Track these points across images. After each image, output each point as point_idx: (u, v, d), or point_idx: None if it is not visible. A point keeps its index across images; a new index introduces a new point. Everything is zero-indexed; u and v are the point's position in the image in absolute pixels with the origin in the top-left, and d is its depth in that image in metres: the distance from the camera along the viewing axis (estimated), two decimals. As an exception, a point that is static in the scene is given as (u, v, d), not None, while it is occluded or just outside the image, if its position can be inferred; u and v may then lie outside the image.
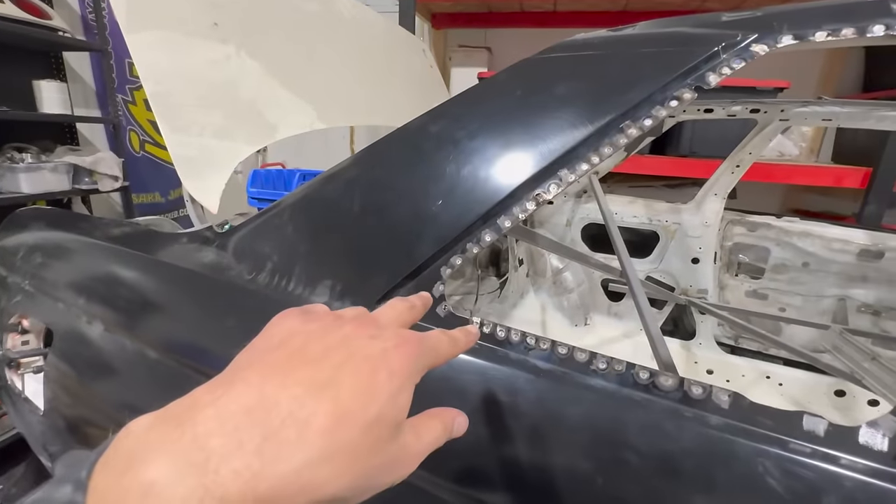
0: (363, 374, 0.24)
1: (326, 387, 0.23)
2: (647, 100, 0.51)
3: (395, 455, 0.25)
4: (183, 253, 0.77)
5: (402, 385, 0.25)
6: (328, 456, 0.22)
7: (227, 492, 0.19)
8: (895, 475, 0.35)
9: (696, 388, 0.42)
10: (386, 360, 0.25)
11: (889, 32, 0.45)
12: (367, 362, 0.25)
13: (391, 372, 0.25)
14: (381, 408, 0.24)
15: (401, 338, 0.27)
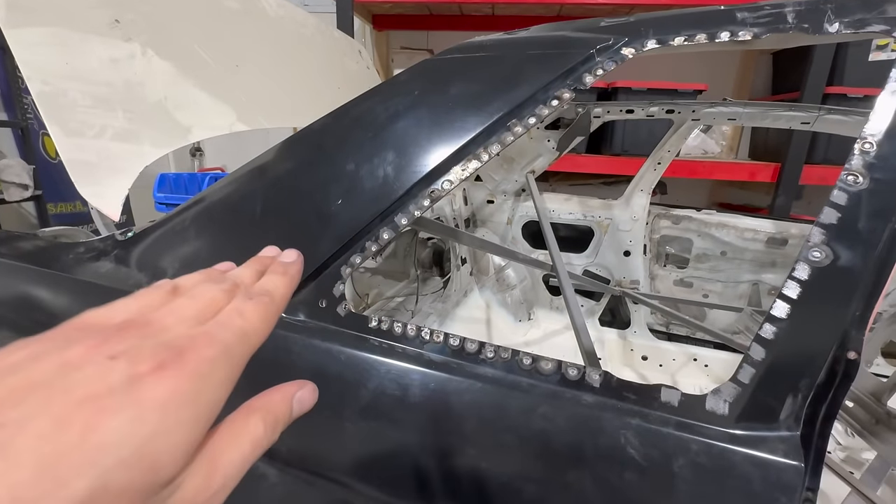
0: (94, 415, 0.16)
1: (19, 433, 0.15)
2: (530, 99, 0.54)
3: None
4: (78, 264, 0.72)
5: (163, 428, 0.17)
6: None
7: None
8: (734, 436, 0.39)
9: (571, 370, 0.45)
10: (140, 392, 0.17)
11: (733, 38, 0.50)
12: (102, 400, 0.17)
13: (150, 406, 0.17)
14: (126, 458, 0.16)
15: (170, 355, 0.19)
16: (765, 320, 0.40)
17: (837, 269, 0.40)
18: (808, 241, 0.41)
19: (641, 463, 0.37)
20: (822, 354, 0.39)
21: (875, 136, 0.42)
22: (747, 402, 0.40)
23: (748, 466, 0.37)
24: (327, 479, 0.49)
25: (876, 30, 0.45)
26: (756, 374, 0.40)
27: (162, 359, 0.18)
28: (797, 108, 1.43)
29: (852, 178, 0.41)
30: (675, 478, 0.38)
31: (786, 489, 0.36)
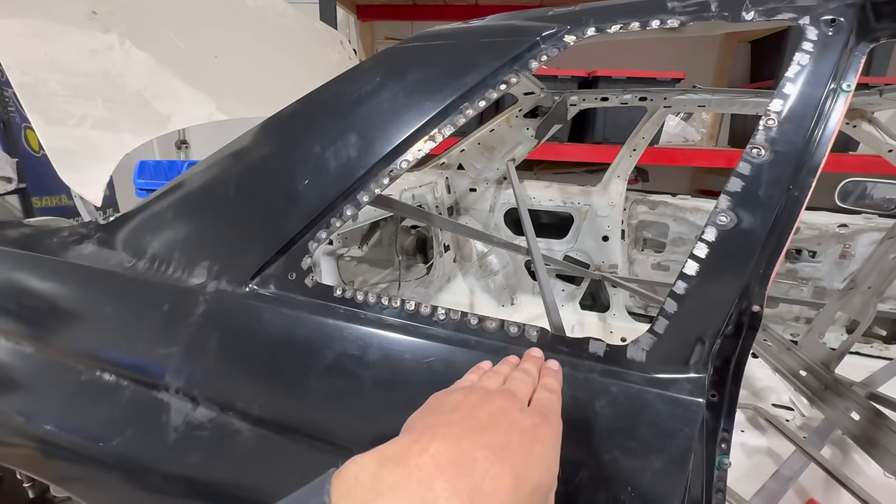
0: (527, 445, 0.32)
1: (504, 450, 0.30)
2: (480, 83, 0.58)
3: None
4: (62, 247, 0.75)
5: (553, 458, 0.33)
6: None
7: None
8: (648, 379, 0.44)
9: (513, 327, 0.50)
10: (538, 434, 0.33)
11: (663, 26, 0.54)
12: (526, 434, 0.32)
13: (544, 444, 0.33)
14: (542, 475, 0.31)
15: (541, 415, 0.35)
16: (677, 278, 0.45)
17: (740, 232, 0.45)
18: (716, 207, 0.46)
19: (567, 404, 0.43)
20: (727, 307, 0.44)
21: (778, 113, 0.47)
22: (662, 350, 0.45)
23: (658, 403, 0.42)
24: (295, 433, 0.53)
25: (785, 17, 0.50)
26: (669, 326, 0.45)
27: (543, 416, 0.35)
28: (763, 95, 1.49)
29: (756, 151, 0.46)
30: (597, 416, 0.43)
31: (688, 421, 0.41)
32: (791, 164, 0.45)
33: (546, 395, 0.38)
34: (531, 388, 0.38)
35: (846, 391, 0.99)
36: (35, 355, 0.70)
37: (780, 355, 1.19)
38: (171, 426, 0.56)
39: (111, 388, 0.63)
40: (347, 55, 2.00)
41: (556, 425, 0.35)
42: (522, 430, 0.32)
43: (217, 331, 0.59)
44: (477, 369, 0.42)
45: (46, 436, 0.66)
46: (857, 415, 0.95)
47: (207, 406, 0.56)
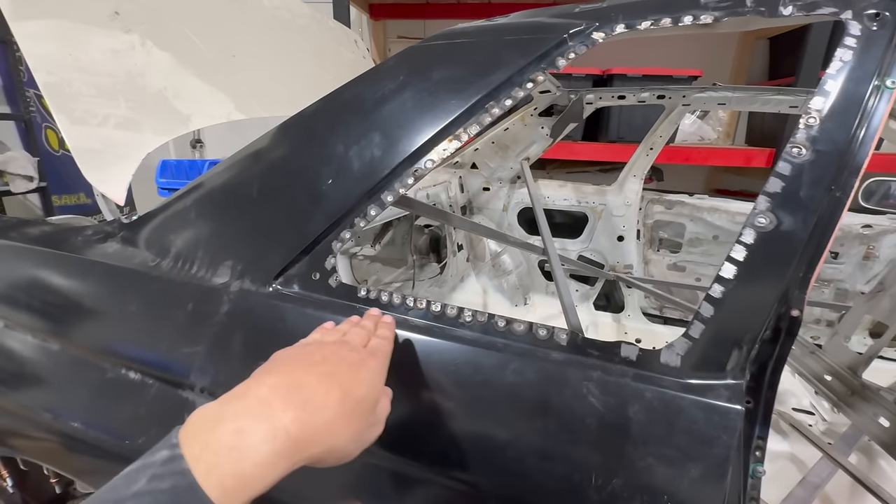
0: (353, 371, 0.39)
1: (333, 375, 0.38)
2: (507, 82, 0.57)
3: (374, 420, 0.40)
4: (86, 245, 0.76)
5: (378, 380, 0.41)
6: (340, 414, 0.36)
7: (290, 432, 0.32)
8: (684, 384, 0.43)
9: (541, 330, 0.49)
10: (364, 363, 0.41)
11: (696, 22, 0.53)
12: (353, 364, 0.40)
13: (369, 369, 0.41)
14: (367, 391, 0.39)
15: (369, 353, 0.42)
16: (714, 281, 0.44)
17: (780, 234, 0.43)
18: (755, 209, 0.44)
19: (600, 409, 0.42)
20: (766, 312, 0.43)
21: (819, 111, 0.46)
22: (697, 354, 0.44)
23: (695, 410, 0.41)
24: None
25: (825, 12, 0.49)
26: (705, 330, 0.44)
27: (371, 353, 0.43)
28: (785, 92, 1.45)
29: (796, 150, 0.45)
30: (631, 421, 0.42)
31: (727, 429, 0.40)
32: (833, 164, 0.44)
33: (377, 341, 0.45)
34: (366, 339, 0.45)
35: (874, 396, 0.96)
36: (61, 352, 0.70)
37: (803, 359, 1.16)
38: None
39: (136, 386, 0.63)
40: (362, 54, 2.00)
41: (383, 359, 0.43)
42: (350, 362, 0.40)
43: (241, 330, 0.59)
44: (320, 329, 0.48)
45: (72, 432, 0.67)
46: (887, 421, 0.92)
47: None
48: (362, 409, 0.38)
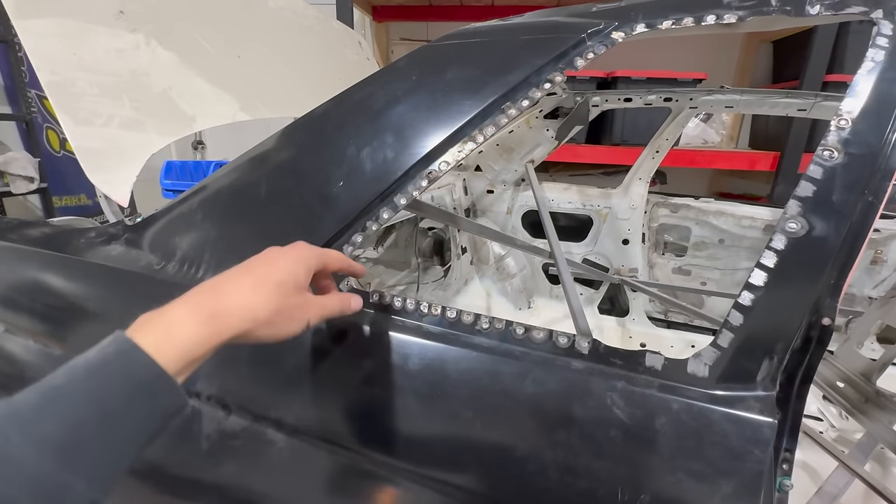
0: (270, 261, 0.43)
1: (247, 269, 0.42)
2: (524, 82, 0.56)
3: (299, 303, 0.42)
4: (89, 247, 0.75)
5: (294, 268, 0.42)
6: (255, 291, 0.40)
7: (204, 305, 0.37)
8: (712, 396, 0.41)
9: (562, 338, 0.47)
10: (282, 255, 0.44)
11: (719, 21, 0.52)
12: (271, 258, 0.43)
13: (286, 258, 0.43)
14: (283, 274, 0.41)
15: (292, 248, 0.45)
16: (743, 288, 0.43)
17: (812, 240, 0.42)
18: (785, 213, 0.43)
19: (626, 421, 0.40)
20: (797, 320, 0.42)
21: (850, 113, 0.44)
22: (726, 364, 0.42)
23: (725, 423, 0.39)
24: (331, 444, 0.51)
25: (855, 11, 0.47)
26: (734, 339, 0.42)
27: (290, 250, 0.45)
28: (794, 95, 1.44)
29: (828, 154, 0.43)
30: (658, 434, 0.40)
31: (759, 443, 0.38)
32: (866, 168, 0.42)
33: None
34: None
35: (889, 404, 0.95)
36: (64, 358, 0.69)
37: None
38: (204, 434, 0.54)
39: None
40: (366, 55, 1.99)
41: (300, 253, 0.44)
42: (270, 257, 0.44)
43: (249, 336, 0.58)
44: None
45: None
46: (903, 429, 0.90)
47: (240, 415, 0.54)
48: (281, 287, 0.41)
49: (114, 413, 0.31)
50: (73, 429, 0.29)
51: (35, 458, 0.28)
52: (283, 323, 0.40)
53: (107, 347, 0.33)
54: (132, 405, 0.32)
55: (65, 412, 0.30)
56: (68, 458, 0.29)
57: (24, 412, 0.29)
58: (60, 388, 0.31)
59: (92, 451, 0.30)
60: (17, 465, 0.27)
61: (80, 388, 0.31)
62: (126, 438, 0.32)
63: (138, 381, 0.33)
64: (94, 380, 0.32)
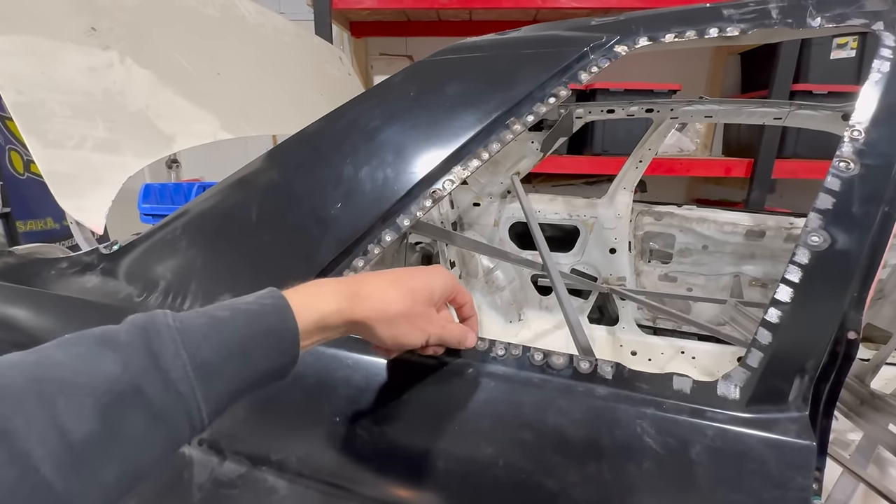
0: (410, 270, 0.47)
1: (389, 273, 0.45)
2: (528, 97, 0.54)
3: (426, 315, 0.43)
4: (61, 279, 0.69)
5: (432, 282, 0.44)
6: (391, 287, 0.42)
7: (347, 289, 0.40)
8: (747, 419, 0.40)
9: (583, 363, 0.45)
10: (424, 269, 0.47)
11: (722, 34, 0.51)
12: (412, 269, 0.47)
13: (427, 272, 0.46)
14: (420, 283, 0.43)
15: (434, 268, 0.49)
16: (769, 304, 0.41)
17: (835, 253, 0.41)
18: (807, 227, 0.42)
19: (659, 451, 0.38)
20: (826, 335, 0.40)
21: (862, 123, 0.44)
22: (757, 385, 0.41)
23: (763, 448, 0.38)
24: (338, 488, 0.47)
25: (856, 23, 0.48)
26: (764, 358, 0.41)
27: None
28: (770, 105, 1.49)
29: (844, 165, 0.43)
30: (694, 464, 0.38)
31: (800, 468, 0.37)
32: (882, 178, 0.42)
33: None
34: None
35: (885, 405, 0.96)
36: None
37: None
38: (195, 484, 0.49)
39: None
40: (347, 71, 1.97)
41: (451, 277, 0.47)
42: (407, 269, 0.47)
43: (243, 372, 0.53)
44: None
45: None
46: (900, 430, 0.91)
47: (236, 460, 0.50)
48: (414, 293, 0.42)
49: (249, 359, 0.34)
50: (220, 361, 0.32)
51: (184, 378, 0.30)
52: (407, 328, 0.41)
53: (265, 299, 0.37)
54: (266, 356, 0.35)
55: (220, 345, 0.32)
56: (206, 385, 0.31)
57: (193, 334, 0.32)
58: (224, 322, 0.34)
59: (221, 386, 0.32)
60: (172, 383, 0.29)
61: (237, 328, 0.34)
62: (246, 383, 0.34)
63: (277, 337, 0.35)
64: (249, 324, 0.34)
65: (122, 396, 0.28)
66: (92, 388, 0.27)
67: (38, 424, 0.25)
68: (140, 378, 0.29)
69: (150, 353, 0.30)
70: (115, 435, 0.27)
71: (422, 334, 0.42)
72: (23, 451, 0.24)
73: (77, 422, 0.26)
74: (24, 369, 0.27)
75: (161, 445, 0.29)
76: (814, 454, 0.37)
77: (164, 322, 0.32)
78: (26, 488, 0.24)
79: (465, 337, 0.46)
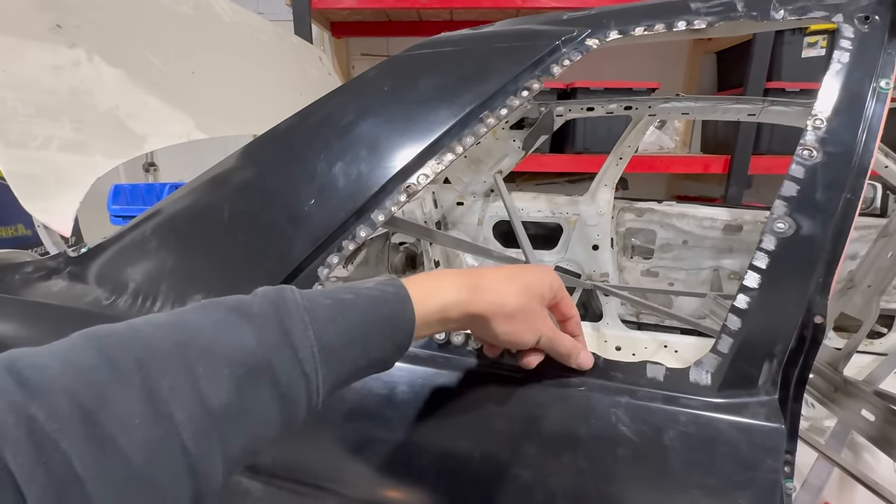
0: (523, 267, 0.47)
1: (502, 269, 0.44)
2: (501, 90, 0.54)
3: (539, 314, 0.42)
4: (26, 284, 0.66)
5: (543, 280, 0.43)
6: (509, 282, 0.41)
7: (466, 282, 0.40)
8: (718, 404, 0.40)
9: (559, 354, 0.45)
10: (535, 267, 0.47)
11: (689, 27, 0.52)
12: (523, 265, 0.51)
13: (539, 270, 0.45)
14: (533, 279, 0.42)
15: (543, 266, 0.50)
16: (738, 291, 0.42)
17: (801, 239, 0.42)
18: (772, 214, 0.43)
19: (634, 439, 0.38)
20: (793, 319, 0.41)
21: (824, 112, 0.45)
22: (728, 370, 0.41)
23: (734, 432, 0.38)
24: (314, 487, 0.47)
25: (817, 16, 0.49)
26: (734, 344, 0.41)
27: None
28: (743, 101, 1.52)
29: (807, 153, 0.44)
30: (668, 450, 0.38)
31: (770, 451, 0.37)
32: (844, 166, 0.43)
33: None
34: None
35: (857, 391, 0.99)
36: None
37: (784, 358, 1.19)
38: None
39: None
40: (327, 71, 1.95)
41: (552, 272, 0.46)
42: (519, 266, 0.48)
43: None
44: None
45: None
46: (871, 415, 0.94)
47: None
48: (529, 290, 0.41)
49: (367, 345, 0.33)
50: (343, 345, 0.32)
51: (310, 358, 0.30)
52: (521, 325, 0.40)
53: (387, 286, 0.36)
54: (381, 345, 0.34)
55: (345, 329, 0.32)
56: (327, 368, 0.31)
57: (320, 314, 0.31)
58: (349, 306, 0.34)
59: (338, 370, 0.32)
60: (299, 362, 0.29)
61: (361, 313, 0.33)
62: (358, 370, 0.34)
63: (394, 327, 0.35)
64: (371, 310, 0.34)
65: (255, 370, 0.28)
66: (230, 359, 0.27)
67: (180, 389, 0.25)
68: (272, 354, 0.28)
69: (282, 329, 0.29)
70: (245, 407, 0.27)
71: (535, 333, 0.41)
72: (167, 414, 0.24)
73: (215, 390, 0.26)
74: (169, 332, 0.27)
75: (280, 423, 0.29)
76: (783, 437, 0.38)
77: (293, 299, 0.31)
78: (167, 450, 0.24)
79: (576, 351, 0.43)
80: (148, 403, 0.24)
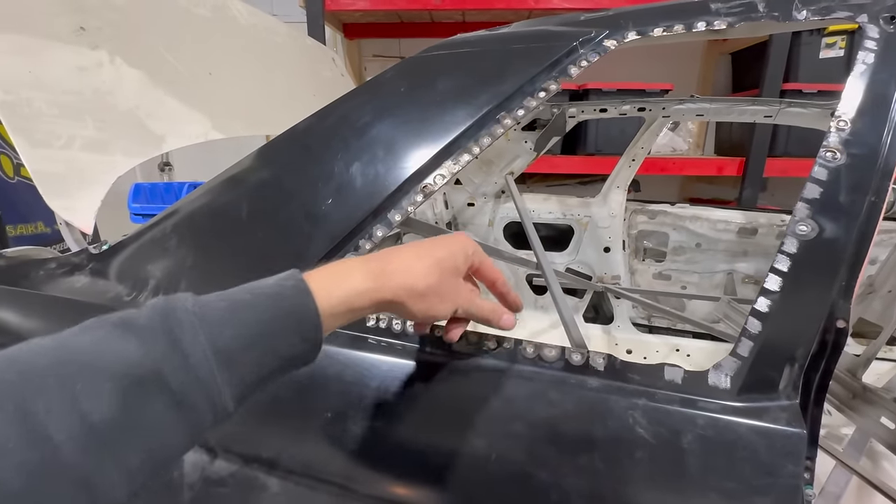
0: (432, 241, 0.44)
1: (412, 247, 0.43)
2: (518, 91, 0.54)
3: (454, 286, 0.42)
4: (49, 280, 0.68)
5: (454, 250, 0.43)
6: (418, 260, 0.41)
7: (373, 266, 0.39)
8: (737, 408, 0.40)
9: (575, 355, 0.45)
10: (445, 238, 0.44)
11: (709, 28, 0.52)
12: (433, 240, 0.44)
13: (448, 241, 0.44)
14: (443, 253, 0.42)
15: (455, 235, 0.46)
16: (759, 294, 0.41)
17: (823, 242, 0.41)
18: (795, 216, 0.42)
19: (651, 441, 0.38)
20: (815, 323, 0.41)
21: (848, 114, 0.44)
22: (747, 374, 0.41)
23: (753, 437, 0.38)
24: (332, 484, 0.47)
25: (840, 16, 0.48)
26: (754, 347, 0.41)
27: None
28: (760, 103, 1.50)
29: (830, 155, 0.43)
30: (686, 453, 0.38)
31: (791, 456, 0.37)
32: (868, 168, 0.42)
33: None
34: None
35: (876, 398, 0.97)
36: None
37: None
38: (186, 484, 0.49)
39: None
40: (340, 72, 1.97)
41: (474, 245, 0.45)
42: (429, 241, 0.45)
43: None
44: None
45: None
46: (891, 423, 0.92)
47: (227, 458, 0.49)
48: (441, 265, 0.41)
49: (271, 344, 0.33)
50: (241, 346, 0.31)
51: (203, 362, 0.29)
52: (436, 301, 0.41)
53: (286, 281, 0.36)
54: (287, 341, 0.34)
55: (239, 329, 0.32)
56: (227, 370, 0.30)
57: (212, 318, 0.31)
58: (244, 306, 0.33)
59: (243, 371, 0.31)
60: (191, 368, 0.29)
61: (258, 312, 0.33)
62: (269, 369, 0.33)
63: (298, 322, 0.34)
64: (269, 308, 0.33)
65: (142, 380, 0.27)
66: (111, 372, 0.27)
67: (57, 407, 0.25)
68: (160, 362, 0.28)
69: (170, 337, 0.29)
70: (135, 419, 0.27)
71: (451, 305, 0.42)
72: (43, 434, 0.24)
73: (96, 405, 0.26)
74: (46, 353, 0.27)
75: (183, 431, 0.29)
76: (804, 442, 0.37)
77: (183, 306, 0.31)
78: (47, 471, 0.24)
79: (496, 315, 0.44)
80: (22, 426, 0.24)
